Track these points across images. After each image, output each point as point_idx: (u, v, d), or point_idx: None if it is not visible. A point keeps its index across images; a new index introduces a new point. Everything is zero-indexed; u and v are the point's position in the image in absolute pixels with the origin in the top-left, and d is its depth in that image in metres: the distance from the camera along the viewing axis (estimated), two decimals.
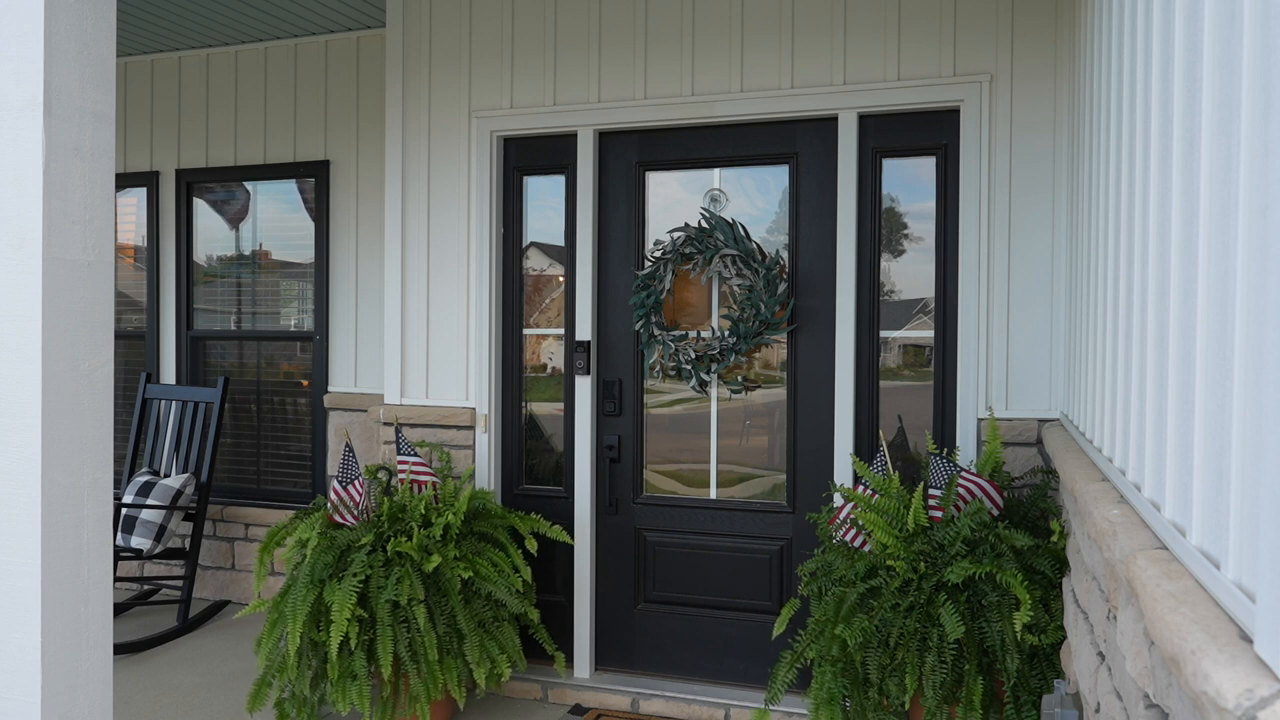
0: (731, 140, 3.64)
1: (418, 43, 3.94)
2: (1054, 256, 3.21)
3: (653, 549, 3.76)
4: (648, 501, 3.76)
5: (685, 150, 3.70)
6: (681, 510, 3.73)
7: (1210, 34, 1.18)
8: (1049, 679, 2.52)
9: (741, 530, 3.65)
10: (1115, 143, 2.01)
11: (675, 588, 3.74)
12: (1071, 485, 2.13)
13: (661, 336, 3.66)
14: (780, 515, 3.60)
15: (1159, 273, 1.48)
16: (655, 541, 3.75)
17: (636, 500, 3.77)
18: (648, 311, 3.67)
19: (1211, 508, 1.15)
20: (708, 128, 3.66)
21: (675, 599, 3.74)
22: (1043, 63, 3.22)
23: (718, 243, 3.58)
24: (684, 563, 3.72)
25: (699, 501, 3.72)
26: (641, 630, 3.76)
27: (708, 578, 3.69)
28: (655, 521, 3.75)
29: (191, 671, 3.92)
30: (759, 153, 3.62)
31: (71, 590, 1.59)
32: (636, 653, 3.76)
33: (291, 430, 4.96)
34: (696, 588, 3.71)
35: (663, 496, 3.78)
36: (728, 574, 3.66)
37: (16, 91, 1.53)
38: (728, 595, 3.67)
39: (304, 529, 3.25)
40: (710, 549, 3.69)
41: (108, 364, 1.67)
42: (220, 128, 5.01)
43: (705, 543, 3.70)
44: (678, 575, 3.73)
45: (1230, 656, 0.91)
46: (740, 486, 3.73)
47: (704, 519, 3.70)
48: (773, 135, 3.59)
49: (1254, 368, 0.98)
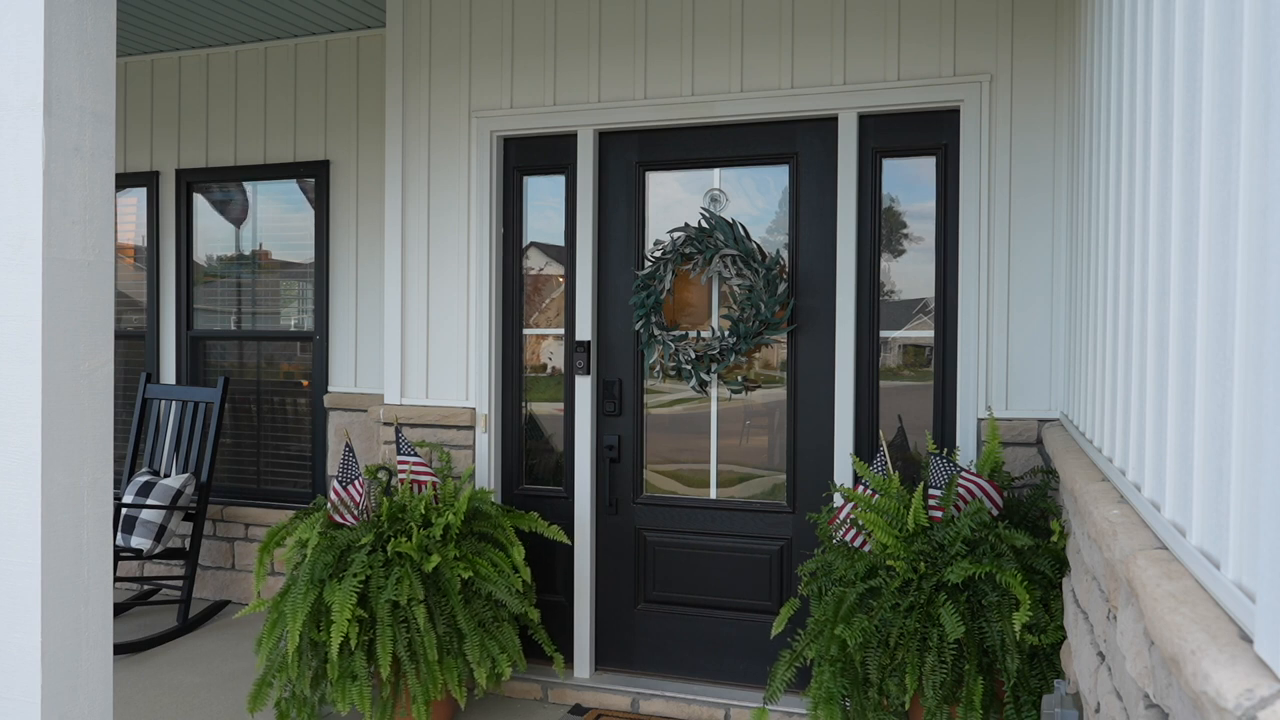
0: (731, 140, 3.64)
1: (418, 43, 3.94)
2: (1054, 256, 3.21)
3: (653, 549, 3.76)
4: (648, 501, 3.76)
5: (685, 150, 3.70)
6: (681, 510, 3.73)
7: (1210, 33, 1.18)
8: (1049, 679, 2.52)
9: (742, 530, 3.65)
10: (1115, 143, 2.01)
11: (675, 588, 3.74)
12: (1071, 485, 2.13)
13: (662, 336, 3.66)
14: (780, 515, 3.61)
15: (1159, 273, 1.48)
16: (655, 541, 3.76)
17: (636, 500, 3.77)
18: (648, 311, 3.66)
19: (1211, 508, 1.15)
20: (708, 128, 3.66)
21: (675, 599, 3.74)
22: (1043, 63, 3.22)
23: (718, 243, 3.58)
24: (684, 563, 3.72)
25: (699, 501, 3.72)
26: (642, 630, 3.76)
27: (708, 578, 3.69)
28: (655, 521, 3.75)
29: (191, 671, 3.92)
30: (759, 153, 3.62)
31: (71, 590, 1.59)
32: (636, 653, 3.76)
33: (291, 430, 4.96)
34: (696, 588, 3.71)
35: (663, 496, 3.78)
36: (728, 574, 3.66)
37: (16, 91, 1.53)
38: (728, 595, 3.67)
39: (304, 529, 3.25)
40: (710, 549, 3.69)
41: (108, 364, 1.67)
42: (220, 128, 5.01)
43: (705, 543, 3.70)
44: (678, 575, 3.73)
45: (1230, 656, 0.91)
46: (740, 486, 3.73)
47: (704, 519, 3.70)
48: (773, 135, 3.60)
49: (1254, 367, 0.98)
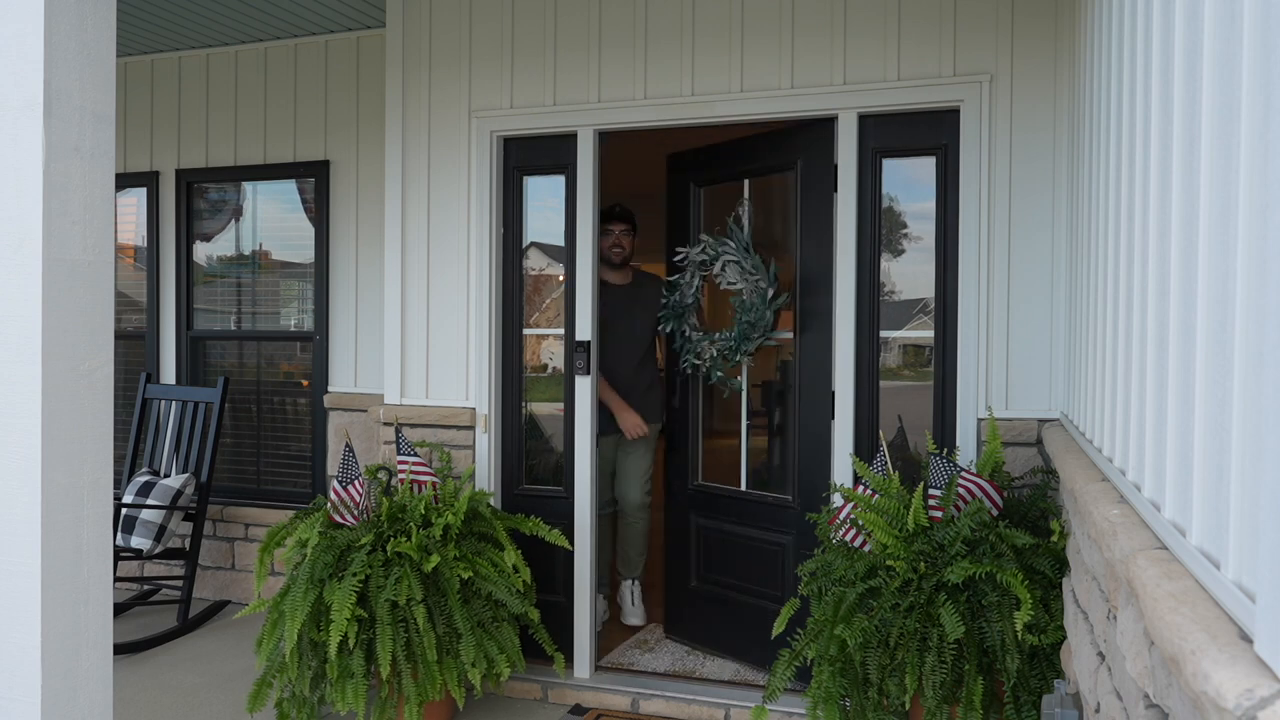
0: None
1: (418, 43, 3.93)
2: (1054, 256, 3.21)
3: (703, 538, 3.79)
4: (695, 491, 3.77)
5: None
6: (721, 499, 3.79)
7: (1210, 33, 1.18)
8: (1049, 679, 2.52)
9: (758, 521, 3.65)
10: (1115, 142, 2.01)
11: (717, 570, 3.79)
12: (1071, 485, 2.13)
13: (692, 335, 3.90)
14: (789, 510, 3.61)
15: (1159, 272, 1.48)
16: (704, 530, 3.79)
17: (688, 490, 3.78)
18: (674, 315, 3.96)
19: (1211, 508, 1.15)
20: (708, 128, 3.66)
21: (721, 581, 3.79)
22: (1043, 63, 3.22)
23: (727, 248, 3.63)
24: (723, 550, 3.76)
25: (730, 492, 3.78)
26: (690, 610, 3.77)
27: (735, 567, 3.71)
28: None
29: (191, 671, 3.92)
30: (759, 153, 3.62)
31: (71, 590, 1.59)
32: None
33: (291, 430, 4.96)
34: (731, 573, 3.76)
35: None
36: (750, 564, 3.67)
37: (16, 91, 1.53)
38: (753, 583, 3.73)
39: (304, 529, 3.25)
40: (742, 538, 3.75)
41: (108, 364, 1.66)
42: (220, 128, 5.01)
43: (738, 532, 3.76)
44: (718, 560, 3.78)
45: (1230, 656, 0.91)
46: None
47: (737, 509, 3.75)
48: (773, 135, 3.60)
49: (1254, 367, 0.98)
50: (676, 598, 4.06)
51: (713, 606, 3.87)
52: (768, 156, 3.71)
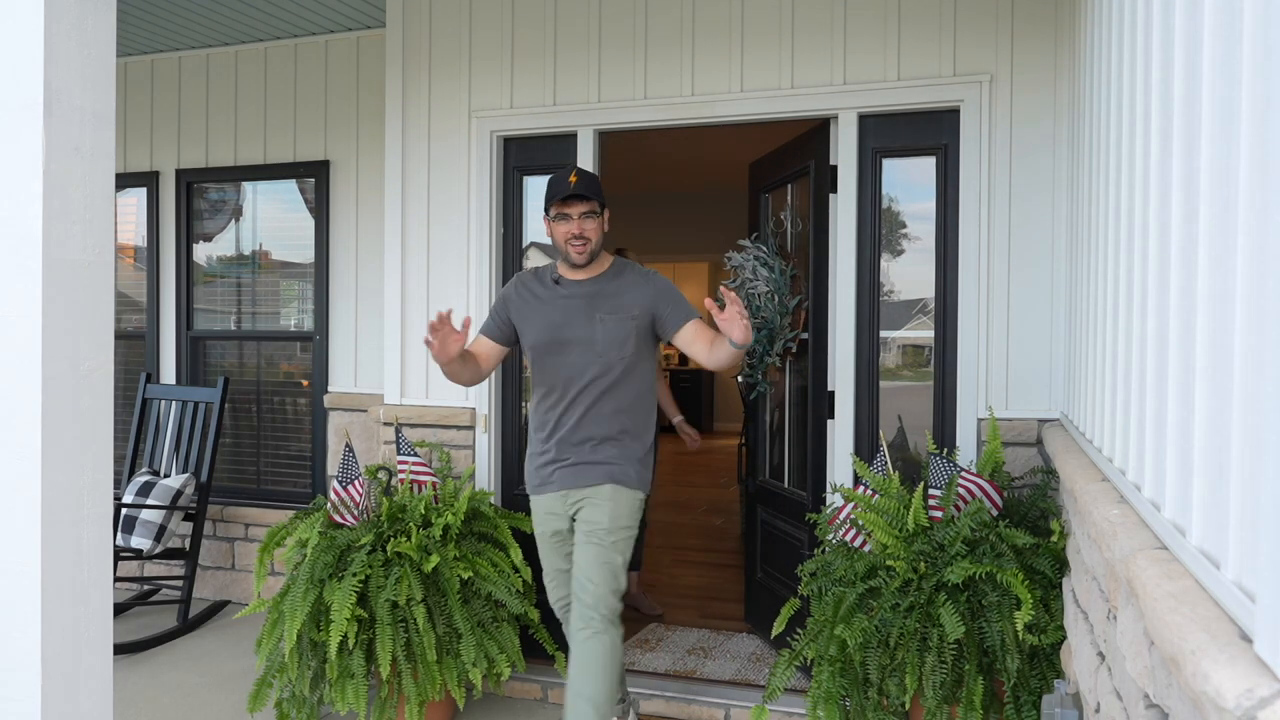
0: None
1: (418, 43, 3.93)
2: (1054, 256, 3.21)
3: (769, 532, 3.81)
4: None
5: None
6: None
7: (1210, 33, 1.18)
8: (1049, 679, 2.52)
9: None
10: (1115, 142, 2.01)
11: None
12: (1071, 485, 2.13)
13: None
14: (805, 507, 3.61)
15: (1159, 272, 1.48)
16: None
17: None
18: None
19: (1211, 508, 1.15)
20: (708, 128, 3.66)
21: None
22: (1043, 63, 3.22)
23: (760, 251, 3.68)
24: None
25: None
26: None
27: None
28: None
29: (191, 671, 3.92)
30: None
31: (71, 590, 1.59)
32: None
33: (291, 430, 4.96)
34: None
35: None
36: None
37: (16, 91, 1.53)
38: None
39: (304, 529, 3.25)
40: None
41: (108, 364, 1.66)
42: (220, 128, 5.01)
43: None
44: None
45: (1230, 656, 0.91)
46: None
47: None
48: (801, 138, 3.60)
49: (1254, 367, 0.98)
50: (748, 589, 4.22)
51: (765, 597, 3.94)
52: (793, 160, 3.76)
